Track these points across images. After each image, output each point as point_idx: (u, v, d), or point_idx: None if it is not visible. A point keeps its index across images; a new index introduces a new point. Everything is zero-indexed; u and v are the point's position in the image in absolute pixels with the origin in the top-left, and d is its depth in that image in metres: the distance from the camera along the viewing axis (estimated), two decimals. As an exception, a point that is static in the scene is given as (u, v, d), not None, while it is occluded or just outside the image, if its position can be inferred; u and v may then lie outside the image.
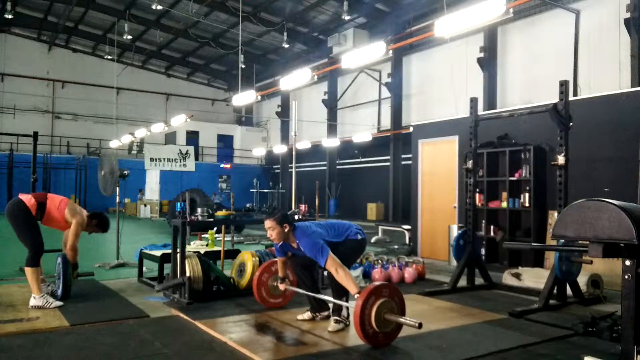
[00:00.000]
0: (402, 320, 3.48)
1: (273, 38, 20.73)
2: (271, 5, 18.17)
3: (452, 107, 14.47)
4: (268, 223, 3.99)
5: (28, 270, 4.58)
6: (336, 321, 3.97)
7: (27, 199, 4.77)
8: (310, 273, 4.31)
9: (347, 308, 4.03)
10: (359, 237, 4.11)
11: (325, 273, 5.04)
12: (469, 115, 5.92)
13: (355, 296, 3.50)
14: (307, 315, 4.27)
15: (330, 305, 4.17)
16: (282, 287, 4.44)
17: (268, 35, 20.62)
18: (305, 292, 4.25)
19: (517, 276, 5.71)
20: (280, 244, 4.15)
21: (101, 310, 4.50)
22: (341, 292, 3.93)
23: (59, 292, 4.82)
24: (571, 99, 5.17)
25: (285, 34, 19.04)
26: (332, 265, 3.71)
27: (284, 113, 24.10)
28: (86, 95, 25.16)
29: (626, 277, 2.46)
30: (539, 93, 12.57)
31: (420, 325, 3.36)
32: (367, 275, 6.05)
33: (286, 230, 3.98)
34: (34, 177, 6.50)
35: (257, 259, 5.31)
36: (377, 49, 9.21)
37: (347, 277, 3.65)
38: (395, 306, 3.56)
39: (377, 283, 3.62)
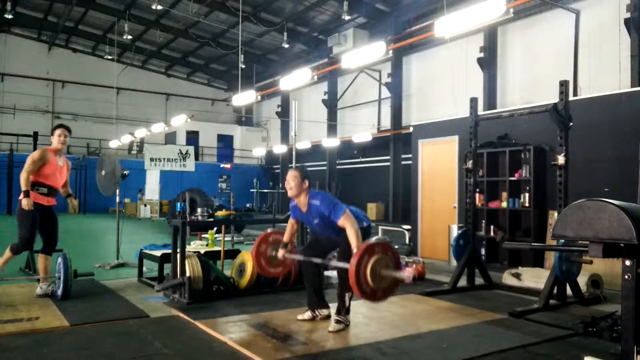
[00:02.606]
0: (396, 275, 3.56)
1: (273, 38, 20.73)
2: (271, 5, 18.18)
3: (452, 107, 14.46)
4: (292, 172, 4.07)
5: (6, 252, 4.97)
6: (337, 321, 3.97)
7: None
8: (314, 269, 4.30)
9: (348, 308, 4.03)
10: (365, 224, 4.10)
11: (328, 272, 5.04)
12: (469, 115, 5.92)
13: (354, 250, 3.58)
14: (307, 315, 4.27)
15: (332, 304, 4.18)
16: (280, 254, 4.40)
17: (268, 35, 20.62)
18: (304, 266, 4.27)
19: (517, 276, 5.71)
20: (294, 205, 4.19)
21: (101, 310, 4.50)
22: (344, 288, 3.93)
23: (59, 292, 4.82)
24: (571, 99, 5.17)
25: (285, 34, 19.04)
26: (347, 220, 3.78)
27: (284, 113, 24.10)
28: (86, 95, 25.16)
29: (626, 277, 2.46)
30: (539, 93, 12.56)
31: (414, 279, 3.48)
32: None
33: (304, 186, 4.04)
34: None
35: (257, 259, 5.30)
36: (377, 49, 9.21)
37: (357, 235, 3.72)
38: (389, 262, 3.60)
39: (369, 241, 3.66)
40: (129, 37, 20.09)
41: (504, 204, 6.97)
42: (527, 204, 6.66)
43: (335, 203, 3.91)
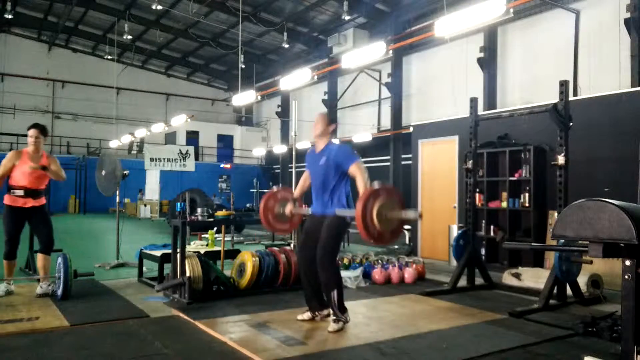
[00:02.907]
0: (403, 215, 3.68)
1: (273, 38, 20.72)
2: (271, 5, 18.17)
3: (452, 107, 14.45)
4: (320, 115, 4.27)
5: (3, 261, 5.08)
6: (335, 321, 3.97)
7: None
8: (315, 272, 4.29)
9: (341, 306, 4.02)
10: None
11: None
12: (469, 115, 5.92)
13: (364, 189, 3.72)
14: (307, 315, 4.27)
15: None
16: (288, 209, 4.47)
17: (268, 35, 20.61)
18: (307, 289, 4.27)
19: (517, 276, 5.71)
20: (311, 150, 4.31)
21: (101, 310, 4.50)
22: (328, 288, 3.97)
23: (59, 292, 4.82)
24: (571, 99, 5.17)
25: (285, 34, 19.03)
26: (358, 169, 3.97)
27: (284, 113, 24.09)
28: (86, 95, 25.14)
29: (626, 277, 2.46)
30: (539, 93, 12.55)
31: (420, 216, 3.58)
32: (367, 275, 6.05)
33: (330, 129, 4.21)
34: (34, 177, 6.49)
35: (257, 259, 5.31)
36: (377, 49, 9.21)
37: (365, 183, 3.85)
38: (394, 204, 3.68)
39: (374, 186, 3.73)
40: (129, 37, 20.08)
41: (504, 204, 6.97)
42: (527, 204, 6.66)
43: (351, 152, 4.11)
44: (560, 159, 4.91)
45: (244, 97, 14.98)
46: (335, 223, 4.05)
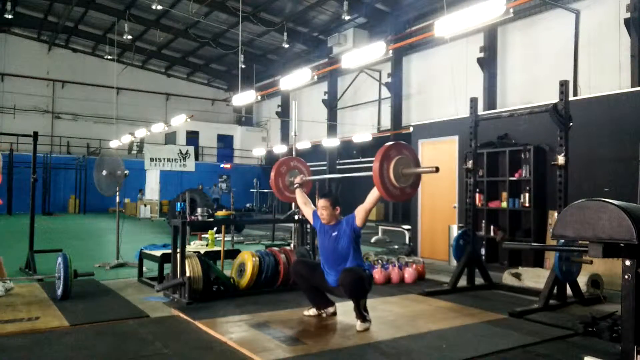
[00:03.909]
0: (419, 170, 3.76)
1: (273, 38, 20.72)
2: (271, 5, 18.17)
3: (452, 107, 14.45)
4: (322, 202, 4.18)
5: None
6: (363, 320, 3.97)
7: None
8: (309, 279, 4.31)
9: (366, 307, 4.05)
10: (368, 271, 4.21)
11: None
12: (469, 115, 5.92)
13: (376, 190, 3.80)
14: (313, 311, 4.29)
15: (337, 302, 4.28)
16: (298, 178, 4.64)
17: (268, 35, 20.61)
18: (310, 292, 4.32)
19: (517, 276, 5.71)
20: (316, 218, 4.32)
21: (101, 310, 4.50)
22: (359, 295, 3.96)
23: (59, 291, 4.82)
24: (571, 99, 5.17)
25: (285, 34, 19.03)
26: (361, 206, 4.06)
27: (284, 113, 24.09)
28: (86, 95, 25.15)
29: (626, 277, 2.47)
30: (539, 93, 12.55)
31: (437, 169, 3.64)
32: (367, 275, 6.04)
33: (336, 212, 4.19)
34: (34, 177, 6.49)
35: (257, 259, 5.31)
36: (377, 49, 9.21)
37: (372, 196, 3.95)
38: (408, 159, 3.76)
39: (385, 146, 3.78)
40: (129, 37, 20.08)
41: (504, 204, 6.97)
42: (527, 204, 6.66)
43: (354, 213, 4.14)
44: (560, 159, 4.90)
45: (244, 97, 14.98)
46: (362, 270, 4.07)
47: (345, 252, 4.07)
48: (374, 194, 3.94)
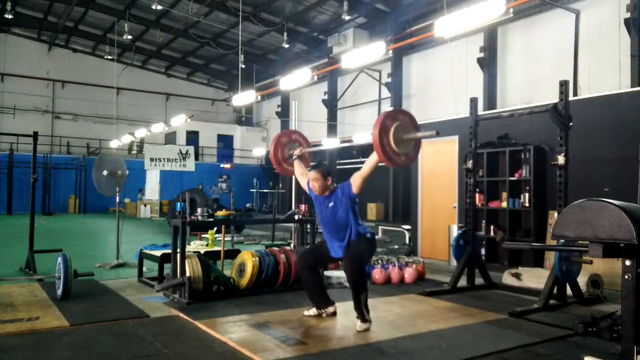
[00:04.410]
0: (419, 135, 3.76)
1: (273, 38, 20.72)
2: (271, 5, 18.17)
3: (452, 107, 14.44)
4: (313, 174, 4.17)
5: None
6: (363, 321, 3.98)
7: None
8: (316, 274, 4.33)
9: (367, 307, 4.05)
10: (369, 235, 4.21)
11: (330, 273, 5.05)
12: (469, 115, 5.92)
13: (375, 155, 3.79)
14: (313, 311, 4.30)
15: (337, 302, 4.29)
16: (298, 150, 4.65)
17: (268, 35, 20.61)
18: (309, 290, 4.33)
19: (517, 276, 5.71)
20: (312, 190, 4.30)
21: (101, 310, 4.50)
22: (359, 288, 3.97)
23: (59, 291, 4.82)
24: (571, 99, 5.17)
25: (285, 34, 19.03)
26: (357, 172, 4.09)
27: (284, 113, 24.08)
28: (86, 95, 25.15)
29: (626, 277, 2.46)
30: (539, 93, 12.56)
31: (437, 133, 3.65)
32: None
33: (328, 183, 4.18)
34: (34, 177, 6.50)
35: (257, 259, 5.31)
36: (377, 49, 9.22)
37: (370, 161, 3.93)
38: (408, 125, 3.78)
39: (384, 113, 3.79)
40: (129, 37, 20.09)
41: (504, 204, 6.97)
42: (527, 204, 6.66)
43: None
44: (560, 159, 4.90)
45: (244, 97, 14.99)
46: (362, 246, 4.08)
47: (344, 221, 4.09)
48: (372, 160, 3.91)
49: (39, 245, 6.66)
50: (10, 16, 17.83)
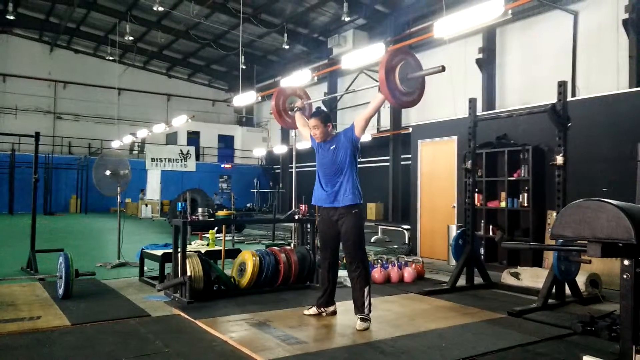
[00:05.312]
0: (424, 72, 3.79)
1: (273, 39, 20.75)
2: (271, 7, 18.19)
3: (451, 108, 14.47)
4: (313, 121, 4.20)
5: None
6: (363, 319, 4.01)
7: None
8: (334, 272, 4.41)
9: (370, 305, 4.08)
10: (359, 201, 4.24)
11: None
12: (468, 115, 5.94)
13: (379, 95, 3.82)
14: (313, 310, 4.32)
15: (337, 302, 4.33)
16: (298, 102, 4.69)
17: (268, 37, 20.64)
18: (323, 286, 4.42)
19: (516, 276, 5.73)
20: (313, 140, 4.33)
21: (102, 309, 4.52)
22: (362, 285, 4.03)
23: (61, 291, 4.85)
24: (569, 99, 5.20)
25: (285, 35, 19.05)
26: (359, 114, 4.11)
27: (284, 113, 24.08)
28: (88, 95, 25.19)
29: (625, 276, 2.48)
30: (537, 94, 12.57)
31: (443, 68, 3.65)
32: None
33: (329, 129, 4.20)
34: (35, 177, 6.52)
35: (258, 258, 5.33)
36: (376, 50, 9.24)
37: (375, 102, 3.93)
38: (413, 64, 3.81)
39: (389, 52, 3.83)
40: (131, 38, 20.11)
41: (503, 204, 6.98)
42: (525, 204, 6.68)
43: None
44: (559, 159, 4.92)
45: (244, 98, 15.02)
46: (352, 223, 4.10)
47: (342, 165, 4.11)
48: (376, 100, 3.93)
49: (40, 244, 6.69)
50: (12, 17, 17.86)
